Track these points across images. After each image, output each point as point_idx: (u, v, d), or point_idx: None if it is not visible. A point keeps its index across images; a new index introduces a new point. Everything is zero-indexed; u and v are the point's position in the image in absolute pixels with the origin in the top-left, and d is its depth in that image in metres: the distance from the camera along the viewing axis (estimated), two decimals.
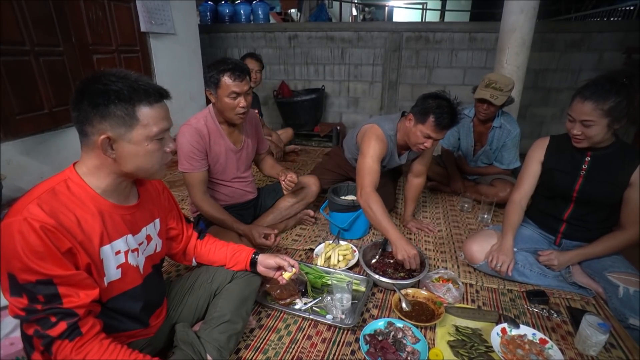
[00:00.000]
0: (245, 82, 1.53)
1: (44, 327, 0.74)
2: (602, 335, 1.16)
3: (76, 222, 0.79)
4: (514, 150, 2.32)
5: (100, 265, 0.84)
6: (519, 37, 2.46)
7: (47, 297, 0.73)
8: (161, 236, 1.07)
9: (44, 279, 0.73)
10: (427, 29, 3.78)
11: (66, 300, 0.75)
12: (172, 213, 1.15)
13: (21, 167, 2.07)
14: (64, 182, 0.81)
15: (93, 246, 0.82)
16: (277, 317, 1.36)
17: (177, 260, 1.26)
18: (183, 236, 1.20)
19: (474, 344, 1.22)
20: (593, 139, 1.34)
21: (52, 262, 0.73)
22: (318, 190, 2.10)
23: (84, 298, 0.77)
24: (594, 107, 1.27)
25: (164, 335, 1.12)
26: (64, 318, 0.75)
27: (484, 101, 2.14)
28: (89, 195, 0.83)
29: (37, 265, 0.72)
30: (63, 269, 0.75)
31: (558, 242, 1.60)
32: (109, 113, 0.78)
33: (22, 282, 0.72)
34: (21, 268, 0.72)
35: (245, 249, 1.27)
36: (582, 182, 1.45)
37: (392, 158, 1.90)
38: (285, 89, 4.07)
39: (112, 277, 0.88)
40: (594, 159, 1.43)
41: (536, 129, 3.80)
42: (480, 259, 1.60)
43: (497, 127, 2.28)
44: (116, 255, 0.88)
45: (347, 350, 1.21)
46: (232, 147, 1.71)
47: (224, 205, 1.78)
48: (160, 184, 1.11)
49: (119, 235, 0.89)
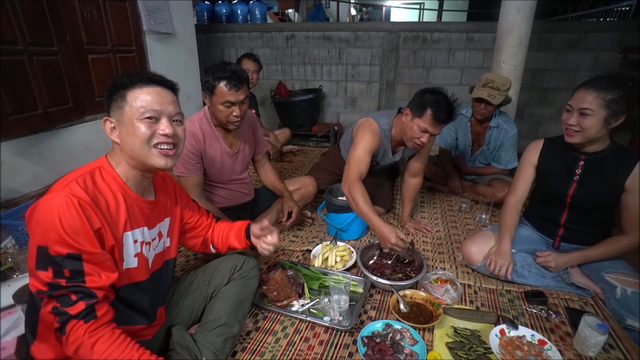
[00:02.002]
0: (241, 92, 1.50)
1: (63, 304, 0.76)
2: (601, 336, 1.15)
3: (106, 205, 0.85)
4: (512, 150, 2.31)
5: (121, 249, 0.89)
6: (516, 37, 2.46)
7: (72, 272, 0.77)
8: (171, 235, 1.09)
9: (74, 253, 0.77)
10: (425, 29, 3.78)
11: (89, 279, 0.78)
12: (189, 205, 1.20)
13: (15, 168, 2.05)
14: (98, 169, 0.88)
15: (118, 230, 0.87)
16: (274, 320, 1.34)
17: (197, 249, 1.28)
18: (203, 225, 1.23)
19: (473, 345, 1.21)
20: (587, 132, 1.32)
21: (85, 237, 0.78)
22: (315, 191, 2.09)
23: (104, 280, 0.81)
24: (596, 95, 1.27)
25: (160, 338, 1.11)
26: (84, 298, 0.77)
27: (481, 100, 2.14)
28: (117, 183, 0.90)
29: (71, 239, 0.76)
30: (92, 246, 0.79)
31: (556, 245, 1.59)
32: (112, 101, 0.89)
33: (54, 254, 0.76)
34: (56, 240, 0.75)
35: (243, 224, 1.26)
36: (575, 187, 1.44)
37: (386, 154, 1.88)
38: (283, 89, 4.05)
39: (130, 264, 0.92)
40: (588, 163, 1.41)
41: (534, 128, 3.81)
42: (479, 260, 1.59)
43: (494, 127, 2.27)
44: (134, 244, 0.92)
45: (345, 353, 1.20)
46: (227, 150, 1.69)
47: (221, 207, 1.76)
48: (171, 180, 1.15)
49: (138, 225, 0.93)
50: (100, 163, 0.91)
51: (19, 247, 1.70)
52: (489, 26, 3.47)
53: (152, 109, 0.88)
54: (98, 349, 0.77)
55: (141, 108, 0.87)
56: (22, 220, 1.72)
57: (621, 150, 1.39)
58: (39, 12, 2.13)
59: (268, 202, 2.00)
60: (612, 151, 1.38)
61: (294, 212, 1.80)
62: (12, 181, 2.03)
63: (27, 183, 2.13)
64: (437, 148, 2.68)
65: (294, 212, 1.80)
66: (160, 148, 0.90)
